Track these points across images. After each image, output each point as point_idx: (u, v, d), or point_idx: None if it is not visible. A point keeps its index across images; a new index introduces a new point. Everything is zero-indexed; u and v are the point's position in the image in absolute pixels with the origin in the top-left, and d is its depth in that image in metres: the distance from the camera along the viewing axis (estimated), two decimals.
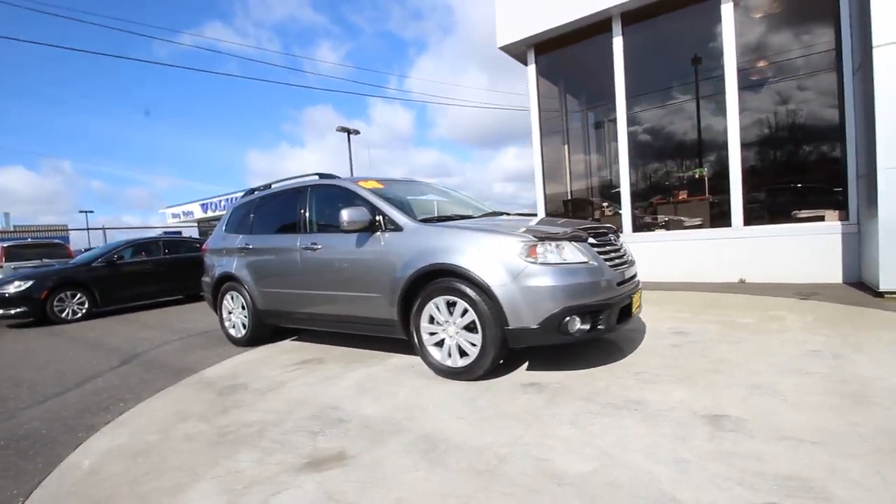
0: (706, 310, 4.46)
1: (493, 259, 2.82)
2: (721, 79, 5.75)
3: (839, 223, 5.16)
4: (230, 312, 4.65)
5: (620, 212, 6.77)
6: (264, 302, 4.25)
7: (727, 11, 5.58)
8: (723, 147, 6.11)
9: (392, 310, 3.29)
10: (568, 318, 2.71)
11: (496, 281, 2.78)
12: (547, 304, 2.70)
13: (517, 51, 7.27)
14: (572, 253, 2.82)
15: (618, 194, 7.23)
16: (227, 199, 29.15)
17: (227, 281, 4.62)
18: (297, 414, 2.69)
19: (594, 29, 6.56)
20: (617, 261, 3.12)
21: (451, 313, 3.01)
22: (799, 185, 5.68)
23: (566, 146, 7.89)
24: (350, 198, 3.71)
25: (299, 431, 2.45)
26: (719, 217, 6.20)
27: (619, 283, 2.99)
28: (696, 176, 6.72)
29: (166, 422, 2.74)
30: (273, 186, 4.60)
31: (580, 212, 7.62)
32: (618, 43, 6.36)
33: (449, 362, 3.04)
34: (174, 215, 33.64)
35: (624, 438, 2.09)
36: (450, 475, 1.90)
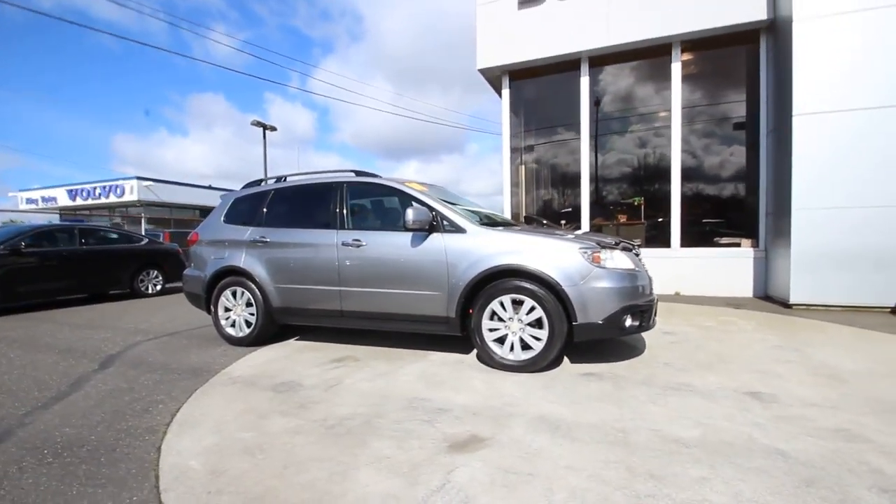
0: (672, 316, 5.31)
1: (564, 262, 3.17)
2: (667, 126, 6.89)
3: (752, 249, 6.51)
4: (228, 310, 4.30)
5: (576, 232, 7.60)
6: (281, 298, 4.04)
7: (676, 69, 6.75)
8: (660, 181, 7.28)
9: (450, 307, 3.45)
10: (625, 316, 3.17)
11: (567, 282, 3.13)
12: (610, 303, 3.13)
13: (492, 74, 7.82)
14: (624, 260, 3.30)
15: (566, 214, 8.11)
16: (104, 188, 25.21)
17: (230, 276, 4.27)
18: (387, 406, 2.72)
19: (564, 66, 7.37)
20: (646, 269, 3.68)
21: (515, 311, 3.28)
22: (722, 219, 7.00)
23: (522, 167, 8.61)
24: (402, 198, 3.78)
25: (410, 421, 2.51)
26: (653, 239, 7.33)
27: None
28: (635, 203, 7.85)
29: (243, 420, 2.57)
30: (289, 179, 4.40)
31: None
32: (584, 82, 7.24)
33: (511, 356, 3.29)
34: (30, 200, 28.02)
35: (702, 411, 2.56)
36: (592, 447, 2.18)
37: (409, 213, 3.42)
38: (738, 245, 6.65)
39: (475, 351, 3.88)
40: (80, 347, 4.36)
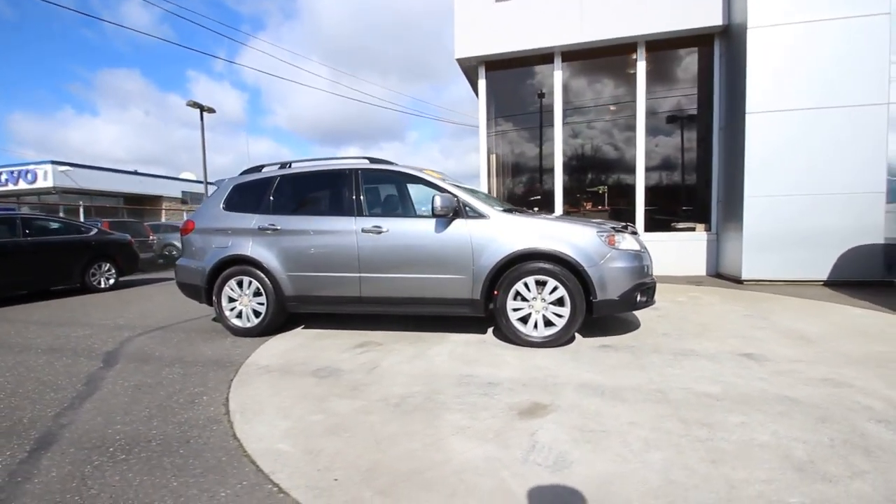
0: None
1: (584, 245, 3.45)
2: (632, 118, 7.44)
3: (705, 233, 7.26)
4: (233, 300, 4.16)
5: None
6: (295, 287, 3.98)
7: (641, 67, 7.29)
8: (623, 171, 7.86)
9: (475, 289, 3.62)
10: (636, 293, 3.51)
11: (588, 262, 3.41)
12: (624, 281, 3.46)
13: (468, 65, 7.96)
14: (633, 242, 3.64)
15: (535, 201, 8.51)
16: (12, 173, 22.26)
17: (235, 265, 4.13)
18: (439, 384, 2.86)
19: (538, 59, 7.68)
20: None
21: (539, 291, 3.52)
22: (679, 206, 7.71)
23: (493, 155, 8.87)
24: (421, 185, 3.86)
25: (468, 395, 2.67)
26: None
27: None
28: (599, 192, 8.42)
29: (305, 404, 2.60)
30: (295, 166, 4.30)
31: None
32: (558, 75, 7.59)
33: (535, 333, 3.54)
34: None
35: (713, 371, 2.96)
36: (641, 405, 2.47)
37: (437, 200, 3.52)
38: (693, 229, 7.38)
39: (491, 330, 4.10)
40: (66, 346, 4.03)
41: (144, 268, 10.42)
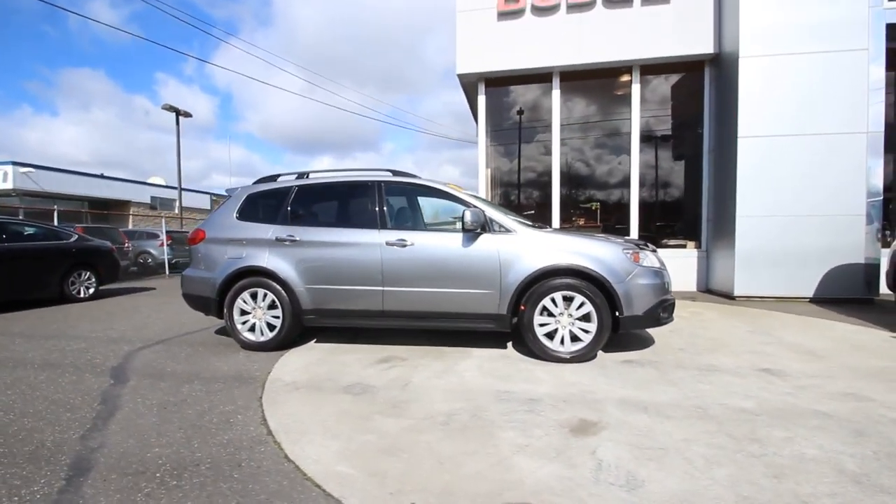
0: None
1: (611, 261, 3.52)
2: (627, 138, 7.70)
3: (695, 250, 7.53)
4: (246, 313, 4.01)
5: None
6: (313, 300, 3.88)
7: (636, 90, 7.57)
8: (615, 188, 8.10)
9: (501, 304, 3.62)
10: (660, 309, 3.60)
11: (615, 279, 3.48)
12: (649, 297, 3.54)
13: (468, 80, 8.06)
14: (654, 260, 3.74)
15: (529, 216, 8.63)
16: None
17: (249, 276, 3.99)
18: (479, 401, 2.83)
19: (537, 78, 7.86)
20: None
21: (566, 306, 3.55)
22: (670, 223, 7.99)
23: (488, 169, 8.98)
24: (447, 199, 3.86)
25: (514, 412, 2.66)
26: None
27: None
28: (592, 208, 8.63)
29: (350, 423, 2.52)
30: (313, 176, 4.22)
31: None
32: (556, 94, 7.79)
33: (562, 348, 3.56)
34: None
35: (741, 386, 3.05)
36: (687, 422, 2.52)
37: (468, 215, 3.53)
38: (684, 246, 7.65)
39: (510, 345, 4.10)
40: (63, 361, 3.77)
41: (119, 277, 9.92)
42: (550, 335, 3.60)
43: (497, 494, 1.84)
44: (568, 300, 3.55)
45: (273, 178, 4.37)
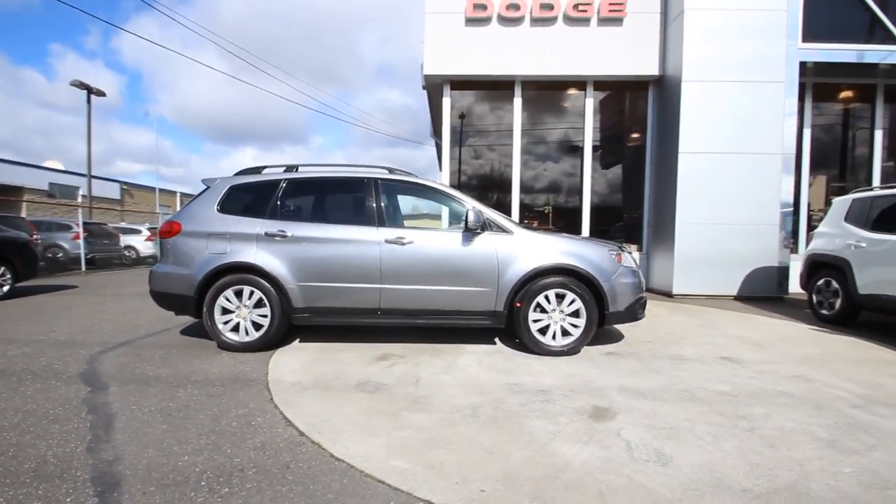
0: None
1: (600, 261, 3.81)
2: (580, 149, 8.25)
3: (637, 253, 8.26)
4: (228, 312, 3.77)
5: None
6: (306, 298, 3.75)
7: (589, 103, 8.13)
8: (566, 193, 8.64)
9: (498, 302, 3.77)
10: (637, 305, 3.96)
11: (602, 277, 3.77)
12: (630, 294, 3.89)
13: (433, 82, 8.14)
14: (631, 260, 4.10)
15: None
16: None
17: (234, 273, 3.76)
18: (494, 394, 2.95)
19: (500, 85, 8.15)
20: None
21: (558, 303, 3.79)
22: (615, 228, 8.66)
23: (447, 172, 9.13)
24: (445, 199, 3.93)
25: (532, 403, 2.81)
26: None
27: None
28: (545, 211, 9.12)
29: (381, 421, 2.52)
30: (303, 170, 4.06)
31: None
32: (517, 102, 8.13)
33: (554, 343, 3.79)
34: None
35: (713, 373, 3.46)
36: (682, 404, 2.84)
37: (471, 215, 3.64)
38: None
39: (498, 340, 4.26)
40: (13, 368, 3.29)
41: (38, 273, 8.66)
42: (543, 330, 3.81)
43: (554, 476, 1.97)
44: (560, 297, 3.79)
45: (257, 169, 4.15)
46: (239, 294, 3.78)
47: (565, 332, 3.81)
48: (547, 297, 3.78)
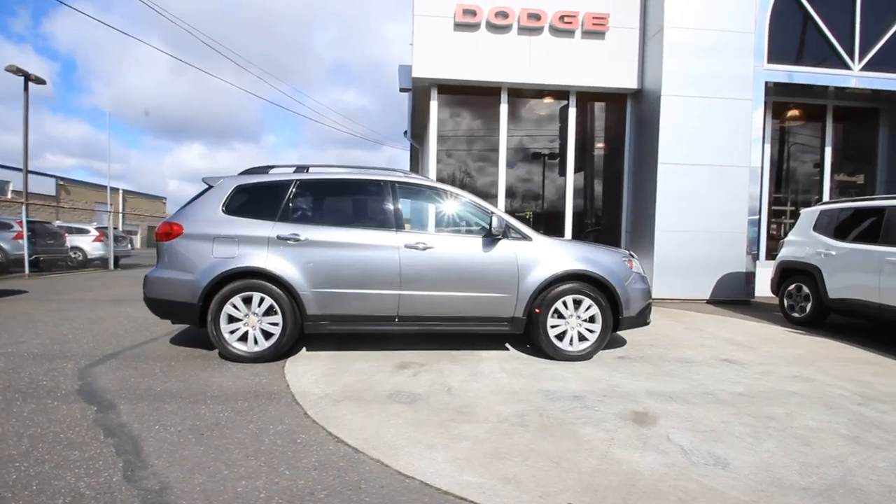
0: None
1: (614, 267, 3.91)
2: (563, 157, 8.46)
3: None
4: (235, 320, 3.53)
5: None
6: (321, 305, 3.58)
7: (572, 113, 8.36)
8: (549, 199, 8.83)
9: (518, 307, 3.78)
10: (646, 310, 4.10)
11: (617, 283, 3.87)
12: (641, 300, 4.01)
13: (421, 84, 8.06)
14: (640, 267, 4.23)
15: None
16: None
17: (242, 279, 3.52)
18: (532, 401, 2.95)
19: (487, 91, 8.21)
20: None
21: (576, 309, 3.84)
22: (593, 234, 8.94)
23: (433, 175, 9.08)
24: (465, 205, 3.89)
25: (573, 410, 2.83)
26: None
27: None
28: (526, 216, 9.27)
29: (433, 432, 2.44)
30: (314, 171, 3.87)
31: None
32: (504, 108, 8.22)
33: (571, 348, 3.84)
34: None
35: (722, 375, 3.63)
36: (710, 406, 2.95)
37: (495, 222, 3.63)
38: None
39: (509, 345, 4.26)
40: (32, 382, 2.89)
41: None
42: (560, 336, 3.85)
43: (630, 485, 1.99)
44: (577, 303, 3.85)
45: (263, 169, 3.92)
46: (247, 301, 3.55)
47: (582, 338, 3.87)
48: (565, 303, 3.82)
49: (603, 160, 8.91)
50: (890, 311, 4.56)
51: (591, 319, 3.87)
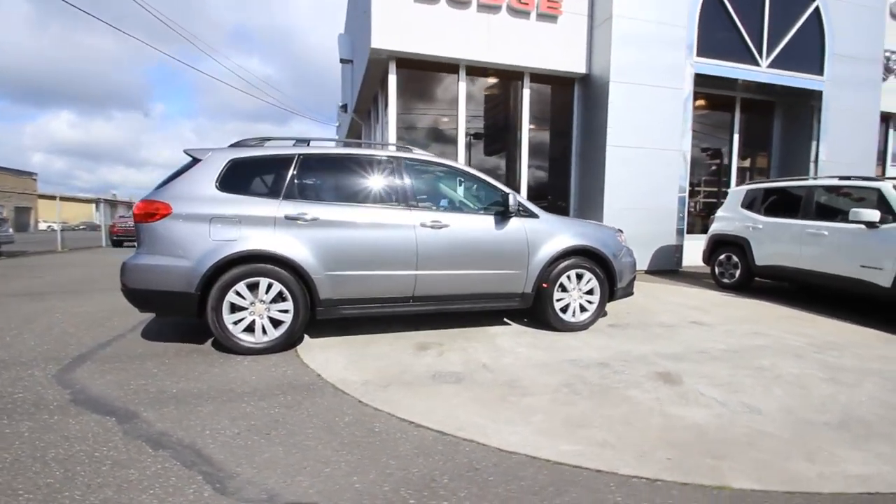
0: None
1: (610, 242, 4.18)
2: (516, 136, 8.68)
3: None
4: (239, 309, 3.18)
5: None
6: (335, 288, 3.36)
7: (526, 93, 8.56)
8: (505, 178, 9.07)
9: (527, 283, 3.89)
10: (633, 282, 4.45)
11: (612, 256, 4.15)
12: (630, 272, 4.35)
13: (378, 56, 7.67)
14: (626, 240, 4.56)
15: None
16: None
17: (246, 263, 3.17)
18: (568, 371, 3.10)
19: (444, 67, 8.07)
20: None
21: (578, 282, 4.05)
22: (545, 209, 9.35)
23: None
24: (473, 182, 3.85)
25: (609, 376, 3.03)
26: None
27: None
28: None
29: (506, 409, 2.47)
30: (315, 144, 3.55)
31: None
32: (462, 85, 8.16)
33: (573, 319, 4.07)
34: None
35: (701, 336, 4.10)
36: (711, 363, 3.34)
37: (511, 200, 3.67)
38: None
39: (507, 320, 4.38)
40: None
41: None
42: (564, 309, 4.05)
43: (702, 435, 2.22)
44: (579, 277, 4.06)
45: (258, 141, 3.52)
46: (252, 288, 3.22)
47: (583, 309, 4.11)
48: (569, 277, 4.02)
49: (553, 141, 9.29)
50: (808, 273, 5.46)
51: (591, 292, 4.12)
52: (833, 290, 5.41)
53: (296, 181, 3.40)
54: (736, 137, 9.93)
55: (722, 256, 6.83)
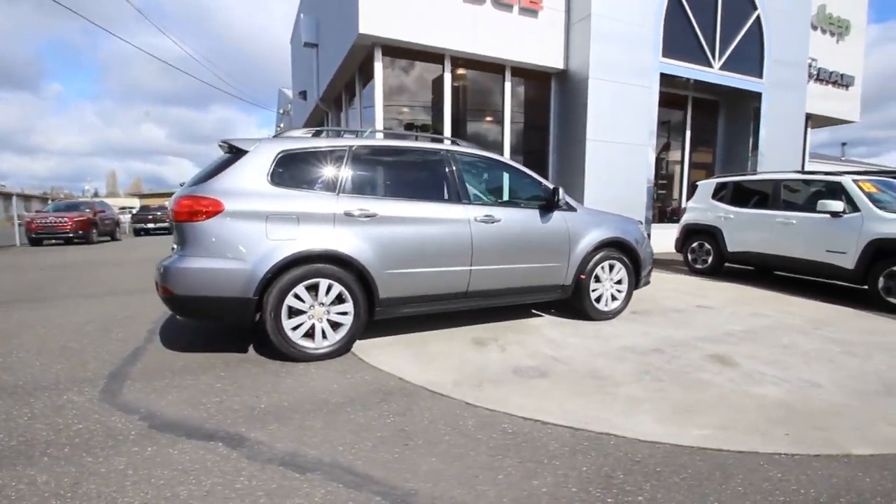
0: None
1: (636, 234, 4.38)
2: (499, 129, 8.75)
3: None
4: (298, 313, 2.95)
5: None
6: (394, 287, 3.22)
7: (507, 86, 8.64)
8: None
9: (567, 275, 3.99)
10: (651, 271, 4.71)
11: (638, 247, 4.36)
12: (649, 262, 4.60)
13: (364, 42, 7.34)
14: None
15: None
16: None
17: (306, 263, 2.93)
18: (629, 358, 3.24)
19: (429, 57, 7.91)
20: None
21: (609, 273, 4.22)
22: None
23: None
24: (522, 176, 3.88)
25: (671, 361, 3.20)
26: None
27: None
28: None
29: (607, 399, 2.53)
30: (368, 134, 3.34)
31: None
32: (447, 76, 8.05)
33: (606, 308, 4.24)
34: None
35: (713, 318, 4.45)
36: (744, 345, 3.63)
37: (561, 192, 3.72)
38: None
39: (535, 311, 4.46)
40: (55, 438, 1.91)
41: None
42: (598, 299, 4.21)
43: (791, 411, 2.43)
44: (611, 267, 4.23)
45: (317, 132, 3.25)
46: (312, 289, 2.99)
47: (613, 298, 4.29)
48: (602, 268, 4.17)
49: (531, 134, 9.49)
50: (779, 258, 6.10)
51: (619, 281, 4.31)
52: (801, 272, 6.09)
53: (350, 174, 3.19)
54: (688, 133, 10.77)
55: (694, 244, 7.42)
